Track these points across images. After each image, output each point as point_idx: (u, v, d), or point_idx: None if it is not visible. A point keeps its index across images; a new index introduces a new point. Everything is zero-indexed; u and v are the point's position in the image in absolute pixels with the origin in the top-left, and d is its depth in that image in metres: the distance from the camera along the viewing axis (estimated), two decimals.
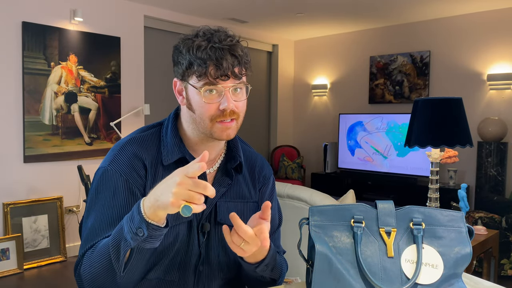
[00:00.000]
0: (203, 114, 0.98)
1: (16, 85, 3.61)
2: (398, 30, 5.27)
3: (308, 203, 1.80)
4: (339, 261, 0.82)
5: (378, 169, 5.18)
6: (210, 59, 0.94)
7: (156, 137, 1.06)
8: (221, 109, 0.96)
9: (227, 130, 0.99)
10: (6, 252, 3.47)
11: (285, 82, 6.35)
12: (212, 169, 1.08)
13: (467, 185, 2.69)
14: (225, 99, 0.96)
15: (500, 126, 4.29)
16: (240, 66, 0.97)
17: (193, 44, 0.96)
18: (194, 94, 0.98)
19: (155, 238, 0.85)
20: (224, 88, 0.96)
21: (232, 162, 1.09)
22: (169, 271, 1.02)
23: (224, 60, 0.94)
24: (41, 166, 3.78)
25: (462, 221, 0.86)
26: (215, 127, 0.98)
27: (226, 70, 0.94)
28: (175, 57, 1.01)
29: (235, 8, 4.66)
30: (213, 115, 0.97)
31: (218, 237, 1.06)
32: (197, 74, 0.95)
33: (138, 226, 0.82)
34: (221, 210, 1.05)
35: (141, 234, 0.82)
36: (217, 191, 1.04)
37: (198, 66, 0.95)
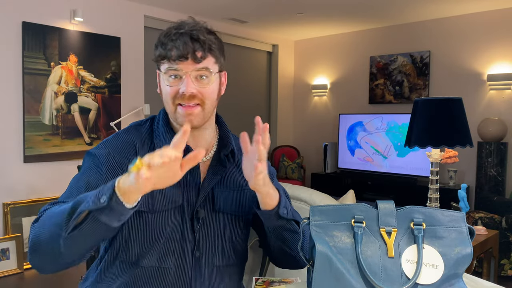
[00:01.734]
0: (167, 97, 1.03)
1: (16, 85, 3.61)
2: (398, 30, 5.28)
3: (308, 203, 1.80)
4: (340, 260, 0.82)
5: (378, 169, 5.18)
6: (171, 42, 0.99)
7: (149, 129, 1.10)
8: (181, 92, 1.00)
9: (189, 115, 1.01)
10: (6, 252, 3.47)
11: (285, 82, 6.35)
12: (206, 159, 1.11)
13: (467, 185, 2.69)
14: (184, 82, 1.00)
15: (500, 126, 4.29)
16: (203, 51, 1.00)
17: (163, 32, 1.03)
18: (162, 80, 1.04)
19: (114, 214, 0.83)
20: (185, 72, 0.99)
21: (224, 150, 1.11)
22: (164, 258, 1.03)
23: (182, 43, 0.99)
24: (41, 166, 3.78)
25: (463, 221, 0.86)
26: (178, 112, 1.02)
27: (184, 51, 0.98)
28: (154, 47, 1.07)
29: (235, 8, 4.66)
30: (174, 97, 1.01)
31: (215, 224, 1.07)
32: (161, 57, 1.01)
33: (103, 193, 0.82)
34: (218, 198, 1.08)
35: (102, 201, 0.81)
36: (212, 179, 1.08)
37: (161, 48, 1.01)
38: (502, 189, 4.28)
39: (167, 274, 1.03)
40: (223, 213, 1.08)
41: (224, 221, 1.09)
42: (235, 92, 5.80)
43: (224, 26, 5.34)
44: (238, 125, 6.12)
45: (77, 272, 3.54)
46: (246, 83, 5.98)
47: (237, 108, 5.84)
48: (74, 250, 0.89)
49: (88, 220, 0.84)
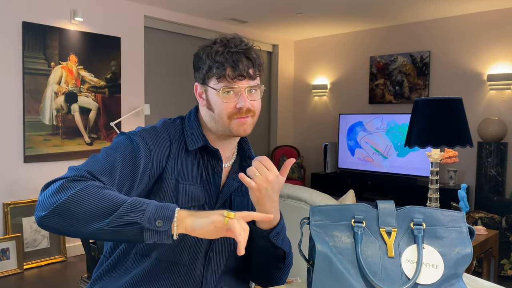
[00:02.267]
0: (221, 112, 1.06)
1: (16, 85, 3.61)
2: (398, 30, 5.28)
3: (308, 203, 1.80)
4: (340, 260, 0.82)
5: (378, 169, 5.18)
6: (227, 62, 1.04)
7: (180, 127, 1.15)
8: (238, 107, 1.05)
9: (243, 125, 1.08)
10: (6, 252, 3.47)
11: (285, 82, 6.35)
12: (227, 165, 1.17)
13: (467, 185, 2.69)
14: (242, 98, 1.05)
15: (500, 126, 4.29)
16: (254, 68, 1.07)
17: (212, 50, 1.06)
18: (214, 96, 1.07)
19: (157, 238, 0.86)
20: (240, 88, 1.05)
21: (248, 161, 1.18)
22: (180, 253, 1.05)
23: (240, 62, 1.04)
24: (41, 166, 3.78)
25: (463, 221, 0.86)
26: (233, 123, 1.07)
27: (242, 71, 1.04)
28: (196, 64, 1.11)
29: (235, 8, 4.66)
30: (231, 113, 1.06)
31: None
32: (217, 76, 1.05)
33: (161, 218, 0.85)
34: (236, 203, 1.14)
35: (159, 225, 0.85)
36: (231, 185, 1.14)
37: (216, 69, 1.04)
38: (502, 189, 4.28)
39: (180, 270, 1.06)
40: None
41: None
42: None
43: (224, 26, 5.34)
44: None
45: (77, 272, 3.54)
46: None
47: None
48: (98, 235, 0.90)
49: (131, 229, 0.86)
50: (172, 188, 1.06)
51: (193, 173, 1.10)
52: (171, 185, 1.06)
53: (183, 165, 1.09)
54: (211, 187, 1.11)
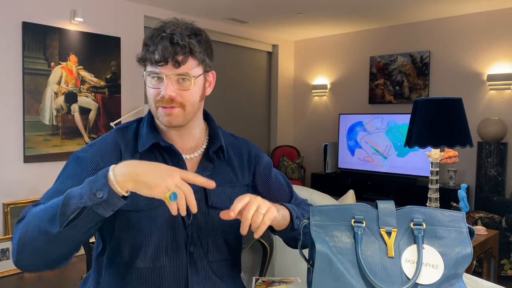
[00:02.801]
0: (149, 99, 1.05)
1: (16, 85, 3.61)
2: (398, 30, 5.28)
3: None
4: (340, 261, 0.82)
5: (378, 169, 5.18)
6: (153, 45, 1.01)
7: (135, 131, 1.12)
8: (160, 95, 1.02)
9: (168, 116, 1.03)
10: (6, 252, 3.47)
11: (285, 82, 6.35)
12: (194, 155, 1.12)
13: (467, 185, 2.69)
14: (163, 85, 1.01)
15: (500, 126, 4.29)
16: (184, 56, 1.00)
17: (148, 34, 1.04)
18: (146, 81, 1.06)
19: (110, 206, 0.86)
20: (166, 75, 1.01)
21: (213, 147, 1.13)
22: (157, 257, 1.03)
23: (162, 46, 0.99)
24: (41, 166, 3.78)
25: (463, 221, 0.86)
26: (159, 112, 1.04)
27: (163, 56, 0.99)
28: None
29: (235, 8, 4.66)
30: (156, 101, 1.03)
31: (208, 219, 1.08)
32: (142, 59, 1.03)
33: (99, 188, 0.84)
34: (210, 193, 1.08)
35: (100, 196, 0.84)
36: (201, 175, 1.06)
37: (143, 52, 1.03)
38: (502, 189, 4.28)
39: (163, 272, 1.03)
40: (216, 208, 1.08)
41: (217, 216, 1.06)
42: (235, 92, 5.80)
43: (224, 26, 5.34)
44: (238, 125, 6.13)
45: (77, 272, 3.54)
46: (246, 83, 5.98)
47: (237, 108, 5.84)
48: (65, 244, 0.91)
49: (84, 215, 0.86)
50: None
51: None
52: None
53: None
54: None
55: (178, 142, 1.10)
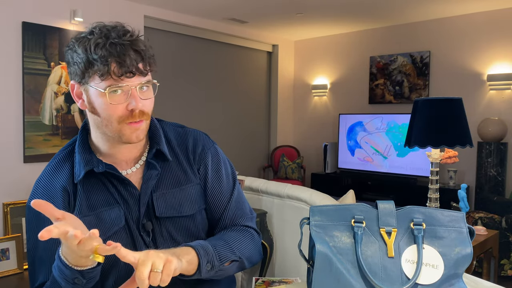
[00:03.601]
0: (110, 117, 0.92)
1: (16, 85, 3.61)
2: (398, 30, 5.28)
3: (308, 203, 1.80)
4: (340, 261, 0.82)
5: (378, 169, 5.18)
6: (111, 56, 0.88)
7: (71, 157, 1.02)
8: (130, 109, 0.92)
9: (136, 131, 0.94)
10: (6, 252, 3.47)
11: (285, 82, 6.35)
12: (139, 165, 1.03)
13: (467, 185, 2.69)
14: (133, 98, 0.91)
15: (500, 126, 4.29)
16: (144, 62, 0.92)
17: (90, 42, 0.89)
18: (97, 97, 0.91)
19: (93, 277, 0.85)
20: (131, 87, 0.91)
21: (149, 154, 1.03)
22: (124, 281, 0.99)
23: (127, 56, 0.88)
24: (41, 166, 3.78)
25: (463, 221, 0.86)
26: (124, 129, 0.93)
27: (130, 66, 0.89)
28: (69, 58, 0.93)
29: (235, 8, 4.66)
30: (121, 117, 0.92)
31: (163, 232, 1.02)
32: (99, 73, 0.88)
33: (74, 277, 0.82)
34: (158, 204, 1.01)
35: (81, 283, 0.83)
36: (148, 186, 1.01)
37: (99, 64, 0.88)
38: (502, 189, 4.28)
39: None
40: (167, 217, 1.01)
41: (172, 225, 1.02)
42: (235, 92, 5.80)
43: (224, 26, 5.34)
44: (238, 125, 6.11)
45: None
46: (246, 83, 5.98)
47: (237, 109, 5.84)
48: None
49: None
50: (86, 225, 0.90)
51: (102, 197, 0.98)
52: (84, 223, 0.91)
53: (86, 195, 0.98)
54: (129, 201, 0.99)
55: (122, 156, 1.01)
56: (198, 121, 5.21)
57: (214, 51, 5.49)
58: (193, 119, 5.16)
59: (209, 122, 5.35)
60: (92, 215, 0.97)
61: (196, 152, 1.09)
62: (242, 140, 5.85)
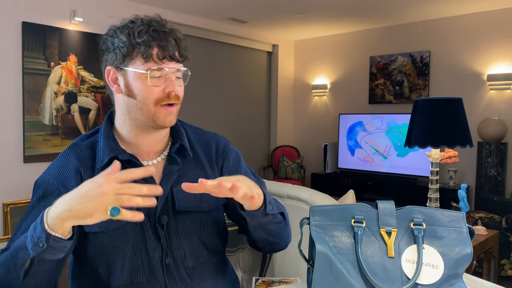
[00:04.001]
0: (147, 99, 0.97)
1: (16, 85, 3.61)
2: (398, 30, 5.27)
3: (308, 203, 1.80)
4: (340, 261, 0.82)
5: (378, 169, 5.18)
6: (154, 40, 0.95)
7: (92, 145, 1.05)
8: (167, 92, 0.97)
9: (170, 115, 0.99)
10: None
11: (285, 82, 6.35)
12: (160, 158, 1.06)
13: (467, 185, 2.69)
14: (170, 82, 0.97)
15: (500, 126, 4.29)
16: (180, 51, 0.99)
17: (133, 29, 0.96)
18: (137, 79, 0.96)
19: (57, 250, 0.83)
20: (169, 72, 0.97)
21: (173, 148, 1.07)
22: (134, 274, 0.99)
23: (168, 42, 0.96)
24: (41, 166, 3.78)
25: (463, 221, 0.86)
26: (159, 112, 0.98)
27: (171, 51, 0.96)
28: (109, 44, 0.99)
29: (235, 8, 4.66)
30: (158, 99, 0.97)
31: (179, 225, 1.03)
32: (142, 55, 0.95)
33: (39, 236, 0.81)
34: (178, 198, 1.02)
35: (41, 245, 0.81)
36: (167, 181, 1.03)
37: (142, 47, 0.94)
38: (502, 189, 4.28)
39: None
40: (186, 212, 1.03)
41: (188, 220, 1.04)
42: (235, 92, 5.80)
43: (224, 26, 5.34)
44: (238, 125, 6.11)
45: None
46: (246, 83, 5.98)
47: (237, 108, 5.84)
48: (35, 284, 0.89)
49: (35, 264, 0.84)
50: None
51: None
52: None
53: None
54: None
55: (144, 147, 1.04)
56: (198, 121, 5.20)
57: (214, 51, 5.49)
58: (193, 119, 5.14)
59: (209, 122, 5.35)
60: None
61: (218, 150, 1.13)
62: (242, 140, 5.85)
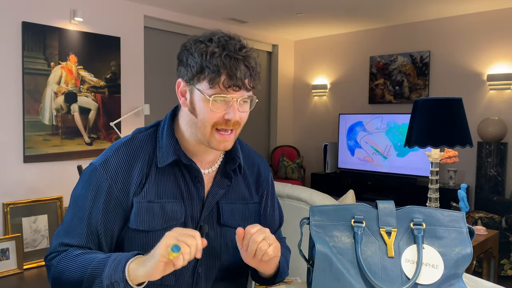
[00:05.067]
0: (206, 121, 0.96)
1: (16, 85, 3.61)
2: (398, 30, 5.27)
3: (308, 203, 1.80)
4: (340, 260, 0.82)
5: (378, 169, 5.18)
6: (225, 68, 0.92)
7: (152, 139, 1.04)
8: (226, 118, 0.95)
9: (224, 142, 0.98)
10: (6, 252, 3.46)
11: (285, 82, 6.35)
12: (211, 170, 1.07)
13: (467, 185, 2.69)
14: (232, 109, 0.95)
15: (500, 126, 4.29)
16: (250, 78, 0.96)
17: (207, 50, 0.93)
18: (200, 100, 0.96)
19: None
20: (233, 99, 0.94)
21: (231, 164, 1.07)
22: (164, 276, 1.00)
23: (238, 71, 0.92)
24: (41, 166, 3.78)
25: (462, 221, 0.86)
26: (214, 137, 0.97)
27: (238, 81, 0.93)
28: (184, 58, 0.97)
29: (235, 8, 4.66)
30: (216, 123, 0.96)
31: (219, 238, 1.05)
32: (209, 80, 0.93)
33: (116, 280, 0.86)
34: (224, 211, 1.05)
35: (116, 287, 0.86)
36: (216, 193, 1.05)
37: (211, 73, 0.92)
38: (502, 189, 4.28)
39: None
40: (229, 226, 1.05)
41: (229, 235, 1.05)
42: None
43: (224, 26, 5.33)
44: None
45: None
46: None
47: None
48: None
49: None
50: (144, 211, 0.98)
51: (170, 188, 1.01)
52: (143, 208, 0.98)
53: (157, 182, 1.00)
54: (193, 200, 1.02)
55: (199, 155, 1.05)
56: None
57: None
58: None
59: None
60: (158, 203, 0.99)
61: (263, 176, 1.17)
62: (242, 140, 5.85)
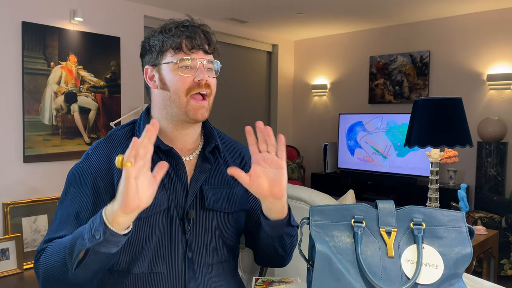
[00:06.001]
0: (179, 89, 1.03)
1: (16, 85, 3.61)
2: (398, 30, 5.27)
3: (308, 203, 1.80)
4: (340, 260, 0.82)
5: (378, 169, 5.18)
6: (183, 33, 1.03)
7: (130, 134, 1.10)
8: (197, 81, 1.02)
9: (201, 108, 1.04)
10: (6, 252, 3.47)
11: (285, 82, 6.35)
12: (192, 157, 1.11)
13: (467, 185, 2.69)
14: (200, 71, 1.03)
15: (500, 126, 4.29)
16: (209, 45, 1.06)
17: (166, 27, 1.05)
18: (169, 72, 1.04)
19: (112, 244, 0.86)
20: (199, 61, 1.03)
21: (208, 147, 1.12)
22: (155, 263, 1.02)
23: (196, 34, 1.04)
24: (41, 166, 3.78)
25: (462, 221, 0.86)
26: (190, 105, 1.03)
27: (199, 41, 1.03)
28: (146, 45, 1.08)
29: (235, 8, 4.66)
30: (189, 88, 1.03)
31: (205, 222, 1.07)
32: (173, 48, 1.03)
33: (96, 228, 0.85)
34: (208, 196, 1.07)
35: (98, 237, 0.84)
36: (199, 178, 1.08)
37: (173, 40, 1.03)
38: (502, 189, 4.28)
39: (159, 278, 1.02)
40: (213, 210, 1.07)
41: (215, 218, 1.08)
42: (235, 92, 5.80)
43: (224, 26, 5.34)
44: (238, 125, 6.11)
45: None
46: (246, 83, 5.98)
47: (237, 108, 5.84)
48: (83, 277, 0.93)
49: (89, 255, 0.88)
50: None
51: None
52: None
53: None
54: (177, 187, 1.05)
55: (179, 143, 1.09)
56: None
57: None
58: None
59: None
60: None
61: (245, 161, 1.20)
62: (242, 140, 5.84)
